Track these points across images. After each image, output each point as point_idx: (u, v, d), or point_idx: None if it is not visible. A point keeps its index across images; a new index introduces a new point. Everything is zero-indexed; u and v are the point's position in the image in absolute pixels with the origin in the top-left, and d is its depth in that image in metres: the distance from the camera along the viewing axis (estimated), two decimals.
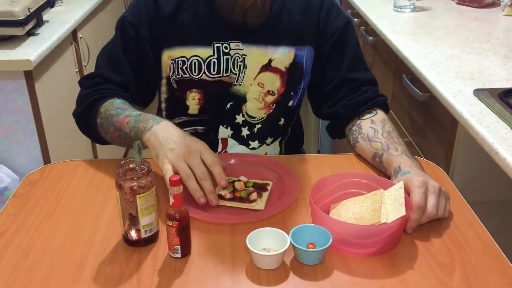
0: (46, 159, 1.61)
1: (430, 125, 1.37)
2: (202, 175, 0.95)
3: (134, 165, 0.86)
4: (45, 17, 1.80)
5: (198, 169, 0.95)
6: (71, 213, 0.96)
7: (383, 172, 1.06)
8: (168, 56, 1.14)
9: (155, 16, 1.12)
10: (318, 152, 2.76)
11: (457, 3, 1.99)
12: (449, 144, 1.25)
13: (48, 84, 1.66)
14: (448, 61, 1.38)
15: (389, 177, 1.02)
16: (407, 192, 0.90)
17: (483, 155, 1.08)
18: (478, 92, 1.15)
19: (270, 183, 1.02)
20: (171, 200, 0.81)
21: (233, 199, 0.97)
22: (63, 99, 1.80)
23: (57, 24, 1.81)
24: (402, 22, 1.79)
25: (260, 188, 1.00)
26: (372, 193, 0.93)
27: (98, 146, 2.16)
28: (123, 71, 1.15)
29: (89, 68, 2.11)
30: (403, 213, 0.84)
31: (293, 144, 1.30)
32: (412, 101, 1.48)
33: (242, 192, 0.98)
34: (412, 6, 1.90)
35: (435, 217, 0.90)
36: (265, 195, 0.99)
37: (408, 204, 0.87)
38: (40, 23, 1.72)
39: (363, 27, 2.00)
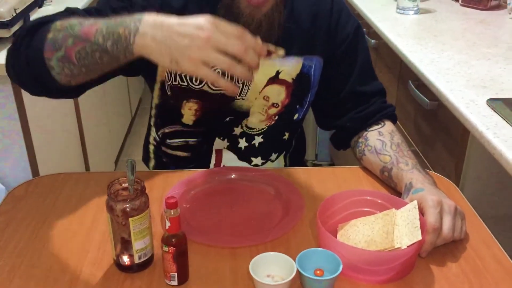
0: (34, 169, 1.54)
1: (439, 135, 1.31)
2: (242, 49, 0.74)
3: (127, 184, 0.79)
4: (32, 17, 1.72)
5: (232, 46, 0.74)
6: (59, 234, 0.88)
7: (392, 187, 1.00)
8: None
9: (160, 6, 0.96)
10: (316, 156, 2.70)
11: (461, 5, 1.93)
12: (460, 156, 1.19)
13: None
14: (457, 68, 1.32)
15: (399, 193, 0.96)
16: (421, 211, 0.84)
17: (495, 167, 1.02)
18: (492, 102, 1.09)
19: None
20: (167, 224, 0.74)
21: None
22: (52, 106, 1.72)
23: None
24: (406, 24, 1.73)
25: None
26: (384, 213, 0.87)
27: (90, 154, 2.08)
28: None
29: None
30: (419, 237, 0.78)
31: (297, 155, 1.24)
32: (418, 108, 1.42)
33: None
34: (415, 8, 1.84)
35: (451, 239, 0.84)
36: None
37: (423, 227, 0.81)
38: (27, 24, 1.64)
39: (365, 29, 1.93)
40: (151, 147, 1.20)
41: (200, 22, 0.75)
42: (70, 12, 0.92)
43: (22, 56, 0.86)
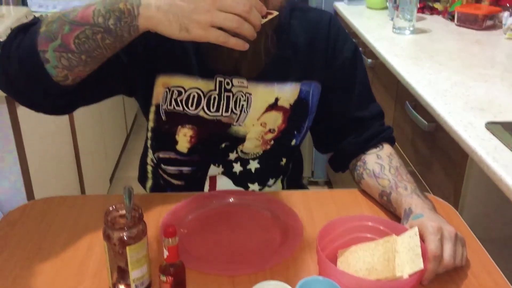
0: (29, 190, 1.52)
1: (437, 157, 1.31)
2: (248, 7, 0.74)
3: (124, 211, 0.77)
4: None
5: (238, 5, 0.74)
6: (54, 260, 0.87)
7: (391, 212, 0.99)
8: (163, 83, 1.01)
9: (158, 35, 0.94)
10: (312, 174, 2.70)
11: (456, 25, 1.94)
12: (458, 179, 1.19)
13: (31, 111, 1.57)
14: (454, 89, 1.32)
15: (398, 218, 0.95)
16: (421, 238, 0.83)
17: (494, 191, 1.02)
18: (491, 126, 1.09)
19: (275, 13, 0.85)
20: (165, 253, 0.73)
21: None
22: (47, 125, 1.71)
23: None
24: (402, 44, 1.74)
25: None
26: (384, 240, 0.85)
27: (85, 171, 2.06)
28: None
29: None
30: (421, 266, 0.77)
31: (294, 177, 1.22)
32: (416, 129, 1.42)
33: None
34: (411, 28, 1.85)
35: (453, 267, 0.83)
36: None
37: (424, 254, 0.80)
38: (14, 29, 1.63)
39: (361, 49, 1.94)
40: (149, 168, 1.18)
41: None
42: None
43: (13, 58, 0.81)
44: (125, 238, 0.74)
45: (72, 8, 0.80)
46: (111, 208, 0.77)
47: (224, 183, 1.11)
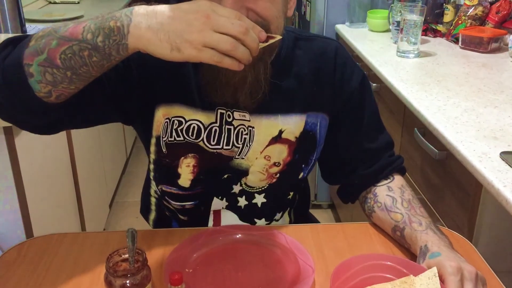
0: (27, 226, 1.47)
1: (448, 186, 1.27)
2: (243, 29, 0.71)
3: (127, 256, 0.73)
4: None
5: (233, 26, 0.70)
6: None
7: (405, 248, 0.95)
8: (164, 113, 0.97)
9: (155, 60, 0.84)
10: (315, 197, 2.65)
11: (461, 48, 1.92)
12: (473, 209, 1.14)
13: (30, 139, 1.53)
14: (465, 116, 1.28)
15: (413, 254, 0.91)
16: (440, 279, 0.79)
17: (510, 222, 0.98)
18: (506, 156, 1.06)
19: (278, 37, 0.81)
20: None
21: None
22: (46, 157, 1.67)
23: None
24: (407, 68, 1.71)
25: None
26: (401, 281, 0.81)
27: (84, 197, 2.02)
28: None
29: None
30: None
31: (301, 208, 1.18)
32: (425, 157, 1.38)
33: None
34: (416, 52, 1.83)
35: None
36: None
37: None
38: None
39: (365, 72, 1.91)
40: (153, 200, 1.14)
41: (195, 5, 0.71)
42: None
43: None
44: (128, 285, 0.70)
45: (64, 23, 0.77)
46: (113, 253, 0.73)
47: (229, 218, 1.06)
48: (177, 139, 0.98)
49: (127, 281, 0.70)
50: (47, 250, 0.95)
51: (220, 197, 1.05)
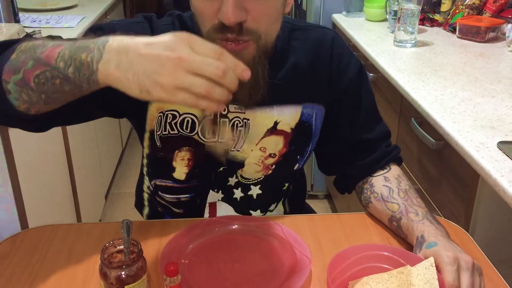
0: (22, 218, 1.46)
1: (445, 176, 1.26)
2: (220, 71, 0.64)
3: (122, 247, 0.72)
4: None
5: (208, 68, 0.64)
6: None
7: (402, 238, 0.95)
8: (157, 108, 0.96)
9: None
10: (312, 187, 2.65)
11: (458, 37, 1.91)
12: (470, 200, 1.14)
13: (24, 131, 1.52)
14: (462, 106, 1.28)
15: (409, 244, 0.91)
16: (437, 268, 0.79)
17: (507, 212, 0.98)
18: (503, 146, 1.05)
19: None
20: None
21: None
22: (41, 147, 1.65)
23: None
24: (404, 58, 1.70)
25: None
26: (398, 271, 0.81)
27: (79, 189, 2.01)
28: None
29: None
30: None
31: (296, 198, 1.18)
32: (422, 147, 1.38)
33: None
34: (413, 41, 1.82)
35: None
36: None
37: (441, 286, 0.75)
38: None
39: (362, 62, 1.90)
40: (145, 195, 1.13)
41: (170, 40, 0.65)
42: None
43: None
44: (123, 276, 0.69)
45: (47, 41, 0.74)
46: (107, 244, 0.72)
47: (225, 210, 1.06)
48: (171, 132, 0.97)
49: (122, 273, 0.69)
50: (42, 241, 0.94)
51: (216, 190, 1.04)
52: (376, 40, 1.93)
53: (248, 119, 0.98)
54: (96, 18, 2.37)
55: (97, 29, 0.93)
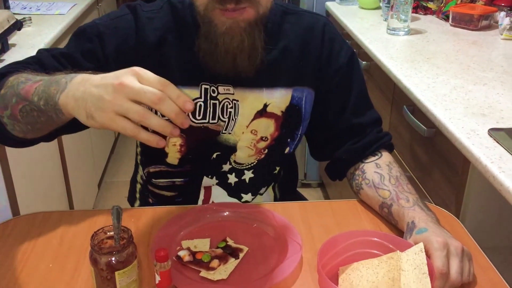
0: (14, 206, 1.45)
1: (436, 163, 1.27)
2: (156, 97, 0.66)
3: (112, 233, 0.72)
4: (11, 40, 1.65)
5: (144, 94, 0.66)
6: (38, 283, 0.81)
7: (393, 224, 0.95)
8: None
9: (136, 43, 0.94)
10: (305, 176, 2.65)
11: (451, 25, 1.91)
12: (460, 187, 1.15)
13: None
14: (454, 94, 1.28)
15: (400, 231, 0.91)
16: (426, 254, 0.79)
17: (497, 199, 0.98)
18: (494, 133, 1.05)
19: (245, 249, 0.87)
20: (157, 278, 0.68)
21: (191, 262, 0.83)
22: None
23: (25, 49, 1.64)
24: (398, 46, 1.70)
25: (230, 254, 0.85)
26: (388, 257, 0.81)
27: (72, 177, 2.00)
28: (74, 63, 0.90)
29: None
30: (428, 286, 0.73)
31: (287, 185, 1.18)
32: (414, 134, 1.38)
33: (204, 256, 0.84)
34: (406, 29, 1.81)
35: (460, 284, 0.79)
36: (233, 263, 0.84)
37: (431, 271, 0.76)
38: (5, 48, 1.56)
39: (355, 50, 1.89)
40: (138, 186, 1.13)
41: (120, 72, 0.69)
42: (36, 60, 0.90)
43: None
44: (113, 262, 0.69)
45: (29, 76, 0.80)
46: (97, 230, 0.72)
47: (219, 194, 1.07)
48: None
49: (113, 258, 0.69)
50: (33, 228, 0.94)
51: (210, 176, 1.04)
52: (369, 28, 1.92)
53: (237, 100, 0.98)
54: (87, 5, 2.34)
55: (80, 33, 0.96)
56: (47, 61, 0.90)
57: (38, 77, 0.80)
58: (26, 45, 1.68)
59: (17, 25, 1.64)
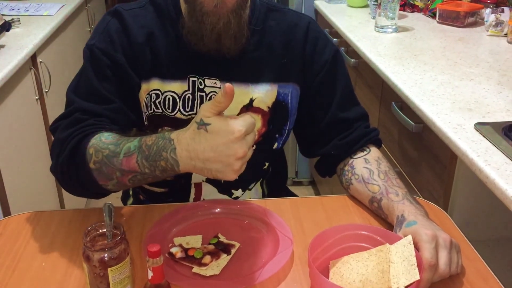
0: (5, 206, 1.45)
1: (425, 158, 1.29)
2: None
3: (104, 230, 0.73)
4: (0, 41, 1.64)
5: (249, 143, 0.81)
6: (31, 283, 0.81)
7: (382, 218, 0.96)
8: (144, 90, 0.99)
9: (127, 44, 0.97)
10: (296, 174, 2.67)
11: (438, 23, 1.93)
12: (448, 181, 1.17)
13: (4, 117, 1.50)
14: (441, 89, 1.30)
15: (390, 225, 0.93)
16: (415, 246, 0.80)
17: (484, 192, 1.00)
18: (480, 127, 1.07)
19: (237, 245, 0.89)
20: (150, 273, 0.69)
21: (183, 258, 0.84)
22: (22, 133, 1.64)
23: (14, 49, 1.64)
24: (386, 43, 1.72)
25: (222, 250, 0.87)
26: (377, 249, 0.83)
27: (65, 191, 1.99)
28: (105, 100, 0.95)
29: (51, 94, 1.95)
30: (417, 277, 0.74)
31: (277, 181, 1.19)
32: (402, 130, 1.40)
33: (196, 252, 0.85)
34: (394, 27, 1.83)
35: (448, 275, 0.80)
36: (225, 259, 0.85)
37: (419, 263, 0.77)
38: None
39: (343, 48, 1.92)
40: None
41: (229, 148, 0.77)
42: (85, 112, 0.94)
43: (75, 184, 0.92)
44: (106, 259, 0.70)
45: (109, 148, 0.86)
46: (90, 228, 0.72)
47: (210, 191, 1.08)
48: (156, 111, 1.01)
49: (105, 255, 0.69)
50: (24, 228, 0.94)
51: None
52: (357, 26, 1.94)
53: None
54: (75, 6, 2.34)
55: (94, 64, 0.97)
56: (92, 109, 0.94)
57: (120, 145, 0.85)
58: (15, 46, 1.68)
59: (6, 26, 1.64)
